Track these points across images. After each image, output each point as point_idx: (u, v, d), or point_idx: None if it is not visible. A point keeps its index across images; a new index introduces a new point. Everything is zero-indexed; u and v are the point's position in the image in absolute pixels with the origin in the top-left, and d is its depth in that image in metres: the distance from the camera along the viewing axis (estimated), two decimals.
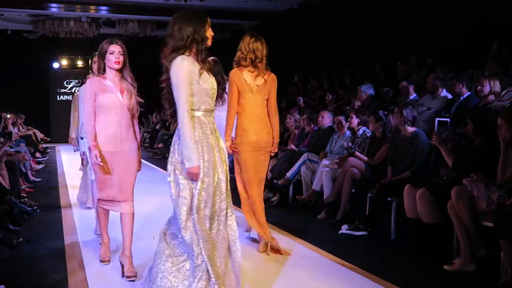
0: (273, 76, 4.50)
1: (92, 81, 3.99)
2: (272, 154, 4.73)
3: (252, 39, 4.41)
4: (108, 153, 3.86)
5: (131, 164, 3.95)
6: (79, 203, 6.60)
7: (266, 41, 4.52)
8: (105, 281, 3.91)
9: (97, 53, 4.00)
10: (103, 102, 3.86)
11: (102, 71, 3.93)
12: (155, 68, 3.61)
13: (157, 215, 5.79)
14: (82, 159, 6.50)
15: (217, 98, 5.20)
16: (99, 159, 3.81)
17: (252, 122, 4.44)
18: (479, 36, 7.76)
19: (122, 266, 3.91)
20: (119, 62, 3.88)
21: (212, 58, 5.67)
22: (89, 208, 6.25)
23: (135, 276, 3.83)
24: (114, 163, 3.89)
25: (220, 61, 5.22)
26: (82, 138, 5.10)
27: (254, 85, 4.42)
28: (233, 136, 4.56)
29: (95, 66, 4.88)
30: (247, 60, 4.39)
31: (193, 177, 3.00)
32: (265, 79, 4.43)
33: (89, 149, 3.89)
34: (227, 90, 4.69)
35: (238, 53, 4.48)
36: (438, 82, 6.43)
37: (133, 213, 3.98)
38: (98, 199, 4.06)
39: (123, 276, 3.87)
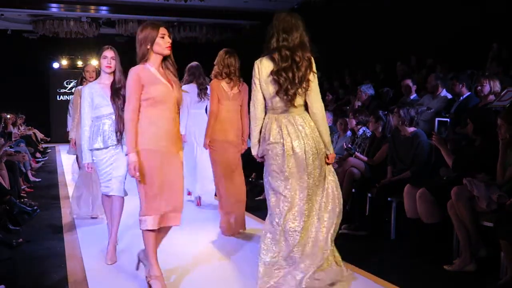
0: (245, 86, 5.15)
1: (138, 70, 3.39)
2: (242, 151, 5.33)
3: (227, 56, 5.09)
4: (160, 154, 3.37)
5: (181, 167, 3.52)
6: (76, 217, 5.94)
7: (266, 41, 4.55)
8: (105, 281, 3.91)
9: (141, 39, 3.42)
10: (156, 95, 3.36)
11: (146, 59, 3.42)
12: None
13: None
14: (79, 167, 6.26)
15: (200, 96, 6.38)
16: (138, 173, 3.32)
17: (224, 125, 5.11)
18: (479, 36, 7.76)
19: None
20: (170, 48, 3.42)
21: (195, 62, 6.52)
22: (94, 218, 5.86)
23: None
24: (166, 166, 3.40)
25: None
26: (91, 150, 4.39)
27: (231, 93, 5.09)
28: None
29: (109, 63, 4.32)
30: (223, 74, 5.06)
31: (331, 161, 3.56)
32: (239, 89, 5.14)
33: (126, 155, 3.37)
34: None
35: (215, 68, 5.14)
36: (439, 82, 6.43)
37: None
38: (145, 218, 3.43)
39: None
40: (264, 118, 3.54)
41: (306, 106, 3.50)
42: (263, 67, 3.44)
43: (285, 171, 3.45)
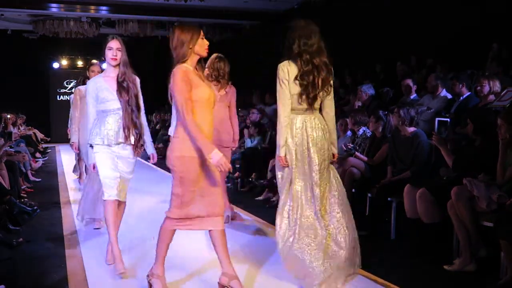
0: (233, 88, 5.62)
1: (185, 70, 3.30)
2: (233, 149, 5.91)
3: (216, 60, 5.46)
4: (202, 160, 3.28)
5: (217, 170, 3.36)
6: (81, 221, 5.60)
7: (266, 41, 4.58)
8: (105, 281, 3.91)
9: (184, 39, 3.33)
10: (201, 97, 3.31)
11: (185, 59, 3.34)
12: (156, 68, 3.60)
13: (155, 214, 5.80)
14: (81, 171, 6.02)
15: None
16: (230, 165, 3.24)
17: (215, 124, 5.01)
18: (479, 36, 7.76)
19: None
20: (208, 50, 3.46)
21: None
22: (97, 229, 5.43)
23: None
24: (207, 171, 3.35)
25: None
26: (91, 146, 4.10)
27: (218, 95, 5.19)
28: None
29: (114, 55, 4.00)
30: (212, 76, 5.40)
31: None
32: (226, 91, 5.54)
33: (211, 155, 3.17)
34: None
35: (205, 70, 5.26)
36: (439, 82, 6.42)
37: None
38: (171, 219, 3.42)
39: None
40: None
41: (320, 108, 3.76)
42: (291, 69, 3.63)
43: (302, 170, 3.70)
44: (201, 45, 3.38)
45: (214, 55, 5.48)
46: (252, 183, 7.78)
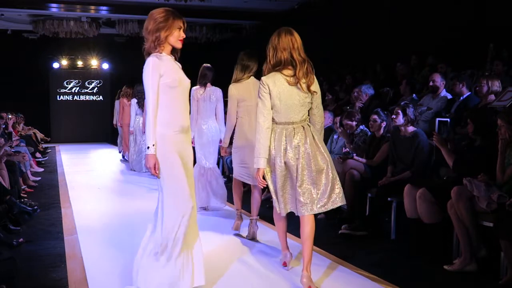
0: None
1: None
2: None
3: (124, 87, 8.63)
4: None
5: None
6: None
7: (266, 41, 4.59)
8: (105, 281, 3.91)
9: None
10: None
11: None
12: None
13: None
14: None
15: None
16: None
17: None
18: (479, 36, 7.76)
19: None
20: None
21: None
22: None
23: None
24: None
25: (221, 61, 5.38)
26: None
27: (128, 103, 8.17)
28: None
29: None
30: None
31: None
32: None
33: None
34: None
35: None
36: (445, 82, 6.41)
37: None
38: None
39: None
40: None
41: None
42: None
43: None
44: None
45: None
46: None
